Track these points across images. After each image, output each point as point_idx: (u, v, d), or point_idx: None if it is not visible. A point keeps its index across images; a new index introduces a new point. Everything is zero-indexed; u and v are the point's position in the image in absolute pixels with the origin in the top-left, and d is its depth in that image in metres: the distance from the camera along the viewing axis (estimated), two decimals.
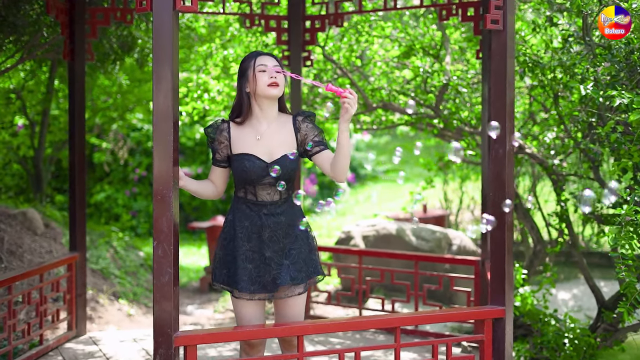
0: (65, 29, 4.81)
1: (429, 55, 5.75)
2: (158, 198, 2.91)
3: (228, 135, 3.27)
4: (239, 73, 3.29)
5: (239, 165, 3.22)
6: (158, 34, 2.91)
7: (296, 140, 3.28)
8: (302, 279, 3.22)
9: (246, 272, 3.19)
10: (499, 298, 3.45)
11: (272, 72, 3.21)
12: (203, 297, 7.43)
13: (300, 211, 3.33)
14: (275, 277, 3.19)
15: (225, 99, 6.27)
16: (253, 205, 3.24)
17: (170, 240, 2.92)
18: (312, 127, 3.29)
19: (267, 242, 3.21)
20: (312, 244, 3.32)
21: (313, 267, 3.28)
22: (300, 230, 3.26)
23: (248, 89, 3.25)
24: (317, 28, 5.29)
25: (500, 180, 3.43)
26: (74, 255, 4.89)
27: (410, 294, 5.10)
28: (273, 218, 3.22)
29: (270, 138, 3.24)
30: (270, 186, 3.23)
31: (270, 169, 3.18)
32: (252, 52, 3.31)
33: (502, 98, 3.42)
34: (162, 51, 2.91)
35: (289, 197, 3.28)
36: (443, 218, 8.33)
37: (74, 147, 4.91)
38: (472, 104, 5.77)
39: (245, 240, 3.22)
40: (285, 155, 3.21)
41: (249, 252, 3.21)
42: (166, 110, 2.91)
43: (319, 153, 3.26)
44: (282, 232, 3.23)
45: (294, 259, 3.22)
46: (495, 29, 3.39)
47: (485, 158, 4.67)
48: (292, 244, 3.24)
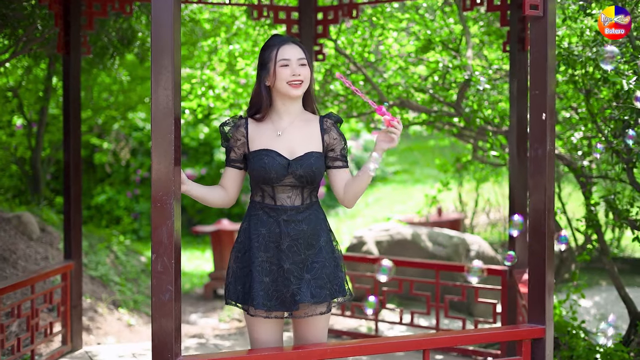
0: (60, 20, 4.46)
1: (449, 50, 5.38)
2: (157, 205, 2.56)
3: (246, 131, 2.89)
4: (259, 62, 2.90)
5: (257, 162, 2.83)
6: (157, 19, 2.55)
7: (322, 142, 2.88)
8: (325, 297, 2.81)
9: (262, 286, 2.80)
10: (539, 316, 3.09)
11: (295, 67, 2.81)
12: (207, 305, 7.08)
13: (325, 220, 2.94)
14: (295, 293, 2.79)
15: (231, 96, 5.91)
16: (271, 210, 2.85)
17: (171, 253, 2.56)
18: (340, 136, 2.91)
19: (286, 253, 2.81)
20: (338, 259, 2.92)
21: (338, 285, 2.87)
22: (325, 242, 2.88)
23: (268, 82, 2.87)
24: (330, 20, 4.93)
25: (539, 184, 3.08)
26: (68, 263, 4.53)
27: (430, 306, 4.73)
28: (294, 225, 2.83)
29: (292, 134, 2.86)
30: (291, 188, 2.84)
31: (292, 167, 2.81)
32: (275, 37, 2.89)
33: (542, 92, 3.06)
34: (161, 38, 2.55)
35: (312, 203, 2.90)
36: (459, 222, 7.97)
37: (69, 146, 4.56)
38: (493, 102, 5.41)
39: (261, 249, 2.83)
40: (310, 153, 2.83)
41: (265, 264, 2.82)
42: (166, 104, 2.56)
43: (339, 169, 2.90)
44: (303, 242, 2.83)
45: (317, 273, 2.82)
46: (535, 15, 3.04)
47: (514, 159, 4.30)
48: (314, 256, 2.84)
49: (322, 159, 2.87)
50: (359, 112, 5.54)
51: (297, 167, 2.81)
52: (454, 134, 5.74)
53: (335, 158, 2.89)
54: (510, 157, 4.39)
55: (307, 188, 2.87)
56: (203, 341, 5.30)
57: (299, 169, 2.81)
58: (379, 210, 11.09)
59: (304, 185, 2.85)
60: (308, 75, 2.86)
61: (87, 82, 8.07)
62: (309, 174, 2.82)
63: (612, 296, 7.18)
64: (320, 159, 2.86)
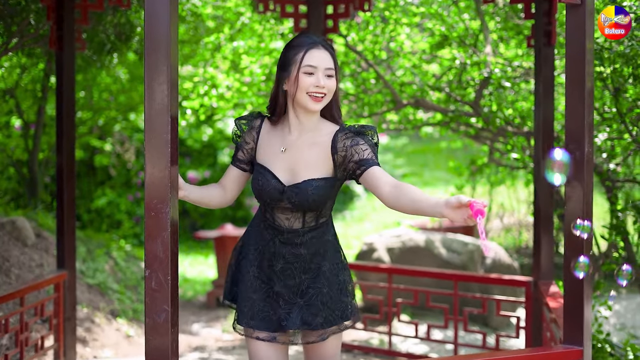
0: (52, 13, 4.17)
1: (466, 46, 5.08)
2: (151, 214, 2.26)
3: (257, 135, 2.59)
4: (280, 63, 2.56)
5: (254, 180, 2.57)
6: (152, 5, 2.26)
7: (333, 163, 2.52)
8: (318, 325, 2.52)
9: (249, 302, 2.55)
10: (576, 336, 2.79)
11: (321, 78, 2.46)
12: (210, 314, 6.77)
13: (331, 241, 2.62)
14: (282, 318, 2.52)
15: (235, 95, 5.61)
16: (270, 227, 2.58)
17: (167, 269, 2.26)
18: (351, 144, 2.48)
19: (278, 275, 2.55)
20: (344, 283, 2.61)
21: (341, 312, 2.58)
22: (328, 268, 2.57)
23: (286, 87, 2.53)
24: (341, 14, 4.63)
25: (577, 191, 2.77)
26: (61, 273, 4.24)
27: (448, 318, 4.42)
28: (290, 248, 2.54)
29: (297, 154, 2.53)
30: (290, 211, 2.54)
31: (287, 194, 2.50)
32: (304, 36, 2.54)
33: (580, 87, 2.76)
34: (156, 27, 2.26)
35: (317, 225, 2.58)
36: (472, 227, 7.65)
37: (62, 148, 4.27)
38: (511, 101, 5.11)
39: (255, 264, 2.57)
40: (309, 181, 2.48)
41: (256, 280, 2.56)
42: (161, 101, 2.26)
43: (366, 174, 2.45)
44: (299, 267, 2.55)
45: (310, 299, 2.53)
46: (572, 3, 2.74)
47: (540, 163, 3.99)
48: (311, 281, 2.55)
49: (330, 185, 2.52)
50: (371, 111, 5.24)
51: (292, 195, 2.50)
52: (470, 136, 5.42)
53: (355, 169, 2.49)
54: (535, 161, 4.08)
55: (311, 212, 2.55)
56: (205, 355, 5.00)
57: (293, 198, 2.50)
58: (387, 215, 10.76)
59: (305, 210, 2.54)
60: (333, 88, 2.51)
61: (86, 82, 7.79)
62: (305, 204, 2.49)
63: (632, 304, 6.87)
64: (325, 186, 2.50)
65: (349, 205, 11.62)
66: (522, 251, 7.84)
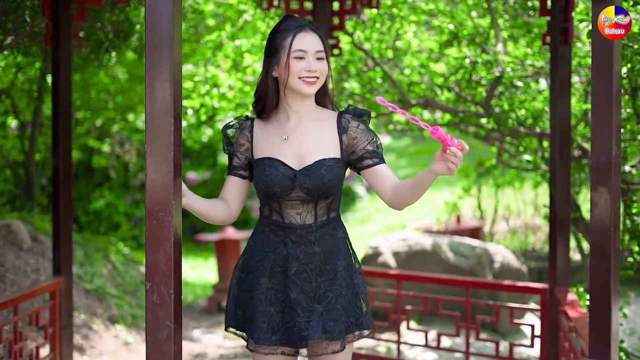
0: (48, 9, 4.00)
1: (476, 45, 4.91)
2: (152, 222, 2.10)
3: (250, 135, 2.45)
4: (268, 49, 2.43)
5: (259, 174, 2.39)
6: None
7: (340, 144, 2.42)
8: (339, 333, 2.35)
9: (266, 317, 2.37)
10: (603, 351, 2.63)
11: (312, 61, 2.36)
12: (211, 319, 6.60)
13: (344, 239, 2.48)
14: (302, 328, 2.34)
15: (238, 95, 5.43)
16: (278, 228, 2.41)
17: (170, 282, 2.10)
18: (364, 129, 2.43)
19: (293, 280, 2.37)
20: (358, 286, 2.46)
21: (355, 318, 2.42)
22: (343, 267, 2.42)
23: (276, 74, 2.41)
24: (347, 10, 4.46)
25: (603, 196, 2.61)
26: (57, 280, 4.06)
27: (459, 326, 4.26)
28: (304, 247, 2.38)
29: (301, 138, 2.41)
30: (301, 203, 2.39)
31: (299, 179, 2.35)
32: (290, 19, 2.42)
33: (607, 86, 2.60)
34: (158, 20, 2.10)
35: (329, 220, 2.43)
36: (479, 230, 7.49)
37: (58, 150, 4.09)
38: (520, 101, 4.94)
39: (266, 274, 2.40)
40: (321, 162, 2.36)
41: (271, 291, 2.39)
42: (164, 100, 2.10)
43: (372, 167, 2.40)
44: (315, 267, 2.38)
45: (330, 304, 2.36)
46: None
47: (555, 166, 3.83)
48: (328, 283, 2.39)
49: (340, 166, 2.40)
50: (377, 112, 5.07)
51: (305, 179, 2.35)
52: (480, 137, 5.25)
53: (362, 157, 2.42)
54: (550, 163, 3.92)
55: (322, 202, 2.41)
56: None
57: (307, 182, 2.35)
58: (391, 216, 10.60)
59: (316, 200, 2.39)
60: (325, 71, 2.40)
61: (83, 82, 7.62)
62: (319, 187, 2.35)
63: None
64: (336, 167, 2.38)
65: (351, 206, 11.46)
66: (528, 254, 7.68)
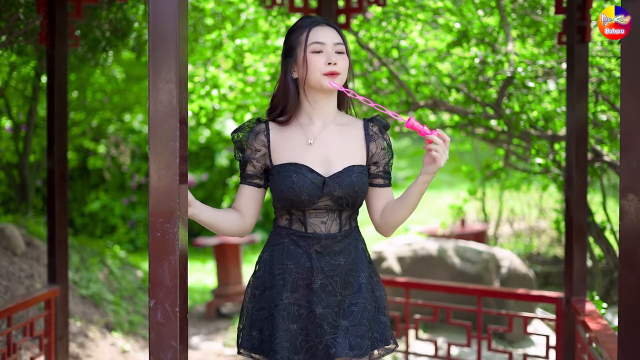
0: (43, 7, 3.84)
1: (485, 44, 4.76)
2: (156, 235, 1.93)
3: (267, 139, 2.27)
4: (285, 49, 2.31)
5: (283, 180, 2.21)
6: None
7: (367, 152, 2.29)
8: (366, 350, 2.21)
9: (288, 335, 2.20)
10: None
11: (331, 54, 2.22)
12: (210, 326, 6.44)
13: (365, 250, 2.34)
14: (329, 345, 2.18)
15: (238, 96, 5.27)
16: (300, 238, 2.25)
17: (175, 299, 1.94)
18: (388, 145, 2.34)
19: (318, 293, 2.21)
20: (380, 299, 2.31)
21: (380, 333, 2.28)
22: (366, 279, 2.27)
23: (295, 74, 2.27)
24: (353, 9, 4.31)
25: (633, 203, 2.46)
26: (53, 288, 3.90)
27: (471, 337, 4.11)
28: (329, 259, 2.23)
29: (328, 142, 2.26)
30: (327, 212, 2.23)
31: (328, 187, 2.21)
32: (304, 18, 2.30)
33: (638, 87, 2.45)
34: (163, 14, 1.93)
35: (351, 229, 2.29)
36: (484, 233, 7.33)
37: (53, 152, 3.92)
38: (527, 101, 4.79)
39: (287, 289, 2.23)
40: (351, 168, 2.23)
41: (293, 307, 2.22)
42: (169, 102, 1.94)
43: (380, 188, 2.33)
44: (340, 280, 2.23)
45: (356, 318, 2.21)
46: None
47: (572, 170, 3.68)
48: (353, 297, 2.24)
49: (366, 173, 2.28)
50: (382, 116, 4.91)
51: (335, 186, 2.21)
52: (489, 139, 5.10)
53: (377, 175, 2.32)
54: (566, 167, 3.76)
55: (347, 211, 2.27)
56: None
57: (337, 190, 2.21)
58: None
59: (342, 208, 2.25)
60: (346, 66, 2.26)
61: (79, 82, 7.45)
62: (350, 196, 2.22)
63: None
64: (364, 174, 2.27)
65: None
66: (533, 258, 7.53)
